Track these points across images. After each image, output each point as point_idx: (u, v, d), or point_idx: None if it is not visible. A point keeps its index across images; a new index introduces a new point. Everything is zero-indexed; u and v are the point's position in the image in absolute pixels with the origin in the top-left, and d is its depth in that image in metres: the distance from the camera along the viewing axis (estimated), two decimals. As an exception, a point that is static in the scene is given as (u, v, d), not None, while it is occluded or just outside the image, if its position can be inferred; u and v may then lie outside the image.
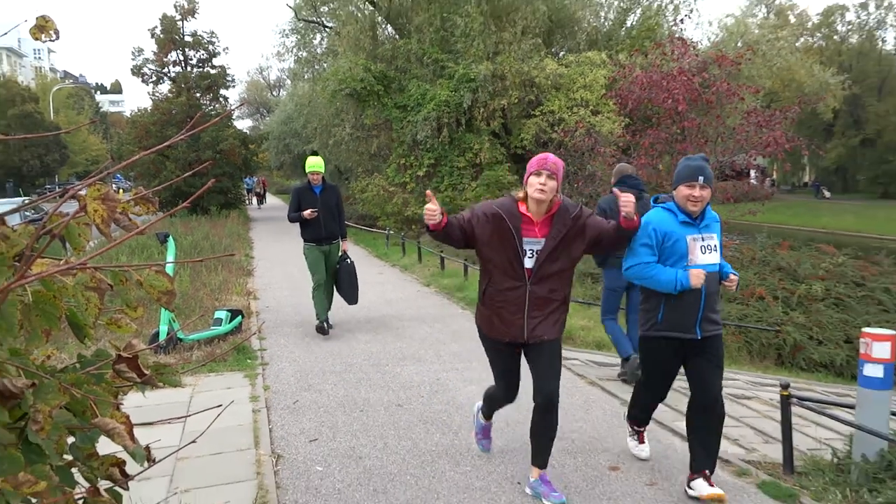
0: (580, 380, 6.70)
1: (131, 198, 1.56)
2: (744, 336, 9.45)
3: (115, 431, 1.33)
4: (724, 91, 16.41)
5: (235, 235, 21.23)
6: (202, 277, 11.99)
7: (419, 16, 22.47)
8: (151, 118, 29.87)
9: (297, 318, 9.56)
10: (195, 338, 7.75)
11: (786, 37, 31.79)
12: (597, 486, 4.34)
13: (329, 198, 8.33)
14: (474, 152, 20.75)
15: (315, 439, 5.15)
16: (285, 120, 46.73)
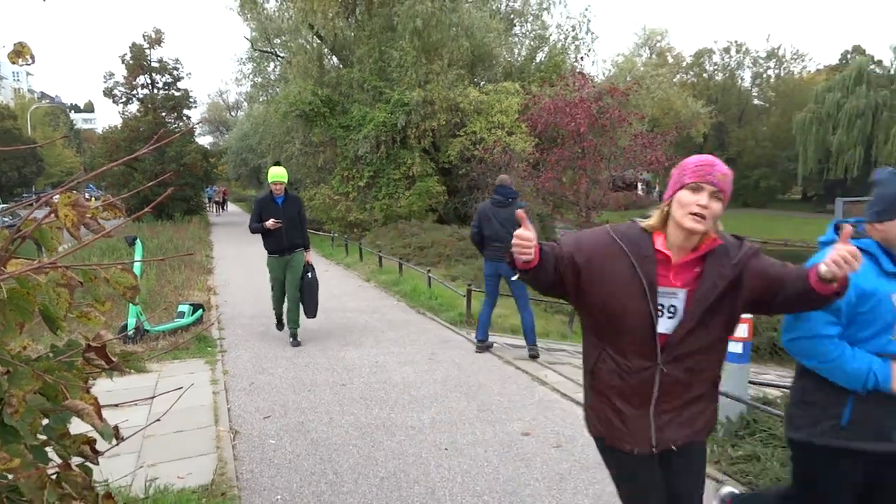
0: (498, 360, 6.76)
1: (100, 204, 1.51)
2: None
3: (85, 412, 1.28)
4: (616, 117, 16.85)
5: (197, 238, 20.63)
6: (167, 275, 11.60)
7: (360, 48, 22.30)
8: (121, 134, 28.85)
9: (252, 310, 9.35)
10: (160, 329, 7.50)
11: (665, 73, 32.83)
12: (511, 448, 4.38)
13: (291, 208, 7.19)
14: (408, 166, 20.72)
15: (268, 416, 5.04)
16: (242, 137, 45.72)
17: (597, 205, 17.22)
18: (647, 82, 27.89)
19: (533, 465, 4.11)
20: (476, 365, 6.52)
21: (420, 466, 4.10)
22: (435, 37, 20.12)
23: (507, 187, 6.76)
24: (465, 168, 20.37)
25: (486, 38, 21.96)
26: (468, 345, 7.34)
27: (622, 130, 17.55)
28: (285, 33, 25.61)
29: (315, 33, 23.71)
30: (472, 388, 5.74)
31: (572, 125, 16.36)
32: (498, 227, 6.63)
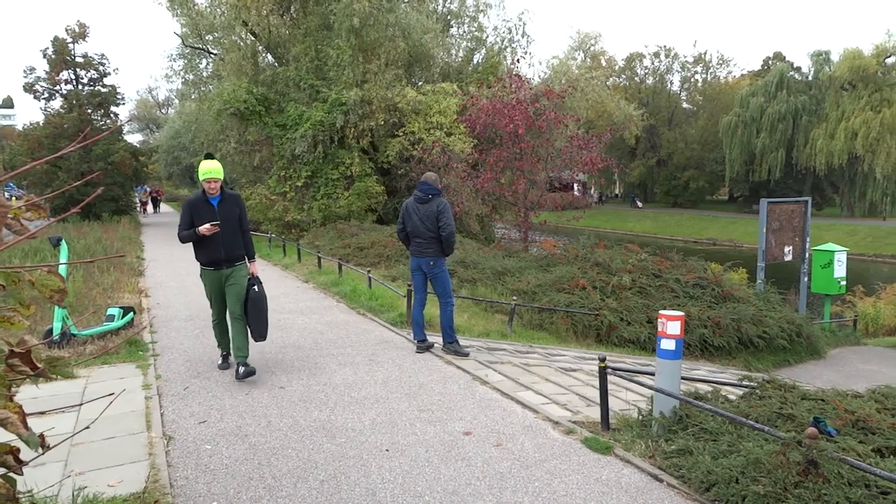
0: (438, 360, 6.79)
1: (22, 204, 1.45)
2: (570, 319, 9.90)
3: (9, 421, 1.23)
4: (553, 119, 17.15)
5: (127, 239, 19.91)
6: (95, 277, 11.14)
7: (296, 46, 21.97)
8: (44, 131, 27.57)
9: (187, 313, 9.09)
10: (88, 333, 7.20)
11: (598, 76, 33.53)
12: (453, 448, 4.41)
13: (230, 210, 5.89)
14: (346, 166, 20.54)
15: (204, 421, 4.91)
16: (174, 135, 44.44)
17: (534, 205, 17.48)
18: (582, 85, 28.43)
19: (474, 465, 4.15)
20: (417, 365, 6.53)
21: (361, 468, 4.08)
22: (372, 36, 20.01)
23: (428, 184, 6.85)
24: (405, 168, 20.35)
25: (423, 38, 21.98)
26: (409, 345, 7.34)
27: (558, 132, 17.89)
28: (218, 30, 24.94)
29: (249, 30, 23.21)
30: (413, 389, 5.75)
31: (510, 126, 16.57)
32: (418, 222, 6.75)
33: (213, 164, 5.88)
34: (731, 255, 21.70)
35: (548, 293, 10.55)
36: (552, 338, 9.49)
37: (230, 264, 5.93)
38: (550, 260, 12.73)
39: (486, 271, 11.95)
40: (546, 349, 8.34)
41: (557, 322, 9.90)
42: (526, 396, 5.60)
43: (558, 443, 4.53)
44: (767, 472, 3.57)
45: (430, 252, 6.82)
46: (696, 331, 9.66)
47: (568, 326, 9.87)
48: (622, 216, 52.66)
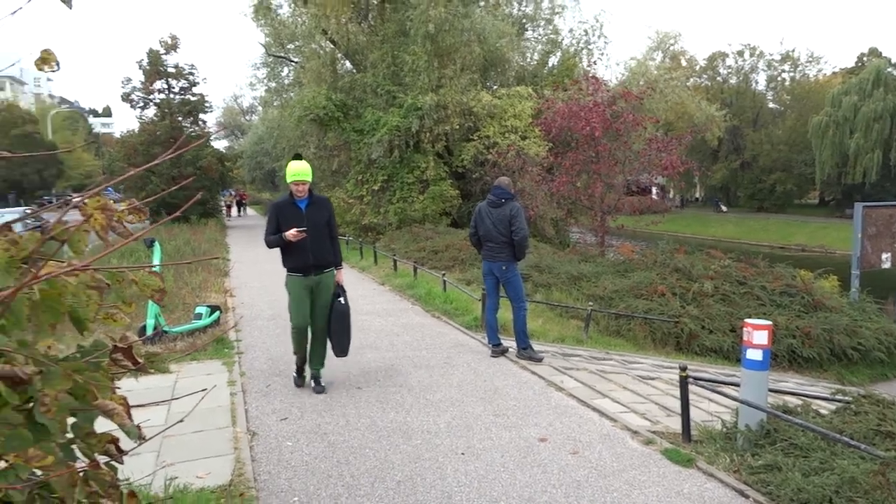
0: (514, 364, 6.75)
1: (125, 208, 1.52)
2: (648, 326, 9.65)
3: (115, 412, 1.29)
4: (631, 121, 16.79)
5: (213, 241, 20.77)
6: (184, 277, 11.68)
7: (373, 53, 22.38)
8: (139, 138, 29.19)
9: (269, 312, 9.39)
10: (178, 330, 7.55)
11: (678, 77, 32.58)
12: (528, 454, 4.37)
13: (318, 214, 5.56)
14: (421, 170, 20.76)
15: (285, 418, 5.06)
16: (257, 141, 46.10)
17: (611, 209, 17.16)
18: (661, 86, 27.69)
19: (550, 472, 4.09)
20: (491, 370, 6.51)
21: (437, 471, 4.10)
22: (447, 41, 20.15)
23: (501, 188, 6.82)
24: (479, 172, 20.37)
25: (498, 42, 21.96)
26: (483, 349, 7.33)
27: (636, 134, 17.49)
28: (299, 38, 25.73)
29: (328, 38, 23.82)
30: (488, 393, 5.73)
31: (587, 129, 16.32)
32: (491, 227, 6.72)
33: (301, 165, 5.47)
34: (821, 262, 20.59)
35: (625, 299, 10.33)
36: (629, 345, 9.27)
37: (319, 271, 5.57)
38: (628, 265, 12.45)
39: (561, 276, 11.81)
40: (623, 356, 8.16)
41: (635, 329, 9.67)
42: (603, 404, 5.49)
43: (637, 453, 4.41)
44: (864, 492, 3.36)
45: (503, 256, 6.79)
46: (784, 341, 9.22)
47: (646, 333, 9.63)
48: (703, 221, 50.90)
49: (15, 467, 1.09)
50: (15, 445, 1.12)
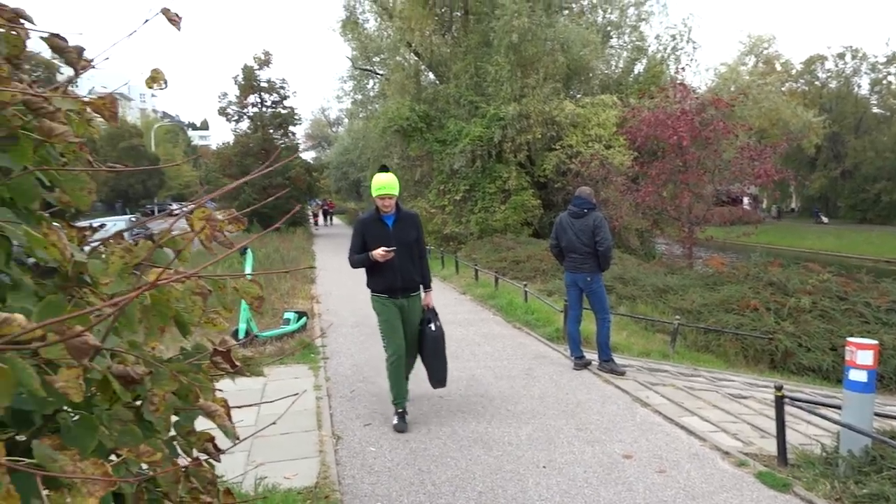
0: (597, 378, 6.61)
1: (226, 217, 1.60)
2: (740, 342, 9.24)
3: (217, 413, 1.35)
4: (721, 129, 16.19)
5: (301, 249, 21.45)
6: (273, 283, 12.11)
7: (456, 64, 22.60)
8: (233, 150, 30.65)
9: (353, 320, 9.60)
10: (268, 335, 7.83)
11: (773, 82, 31.26)
12: (612, 471, 4.26)
13: (406, 231, 5.08)
14: (503, 180, 20.75)
15: (369, 424, 5.15)
16: (343, 151, 47.40)
17: (700, 220, 16.58)
18: (754, 92, 26.62)
19: (635, 490, 3.98)
20: (574, 383, 6.41)
21: (518, 483, 4.06)
22: (530, 51, 20.10)
23: (582, 198, 6.71)
24: (561, 182, 20.16)
25: (582, 51, 21.71)
26: (565, 361, 7.22)
27: (727, 143, 16.85)
28: (384, 51, 26.34)
29: (412, 51, 24.25)
30: (571, 406, 5.64)
31: (674, 138, 15.86)
32: (573, 237, 6.60)
33: (388, 177, 5.00)
34: (932, 278, 19.15)
35: (715, 313, 9.94)
36: (719, 361, 8.91)
37: (406, 293, 5.11)
38: (718, 278, 11.98)
39: (646, 288, 11.50)
40: (712, 373, 7.84)
41: (725, 345, 9.29)
42: (691, 422, 5.30)
43: (728, 475, 4.23)
44: None
45: (586, 268, 6.68)
46: (891, 362, 8.61)
47: (737, 350, 9.23)
48: (799, 232, 48.32)
49: (127, 462, 1.16)
50: (127, 441, 1.19)
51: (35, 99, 1.25)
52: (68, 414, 1.20)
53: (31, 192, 1.30)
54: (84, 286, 1.39)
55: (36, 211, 1.38)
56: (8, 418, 1.14)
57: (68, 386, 1.02)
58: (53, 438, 1.03)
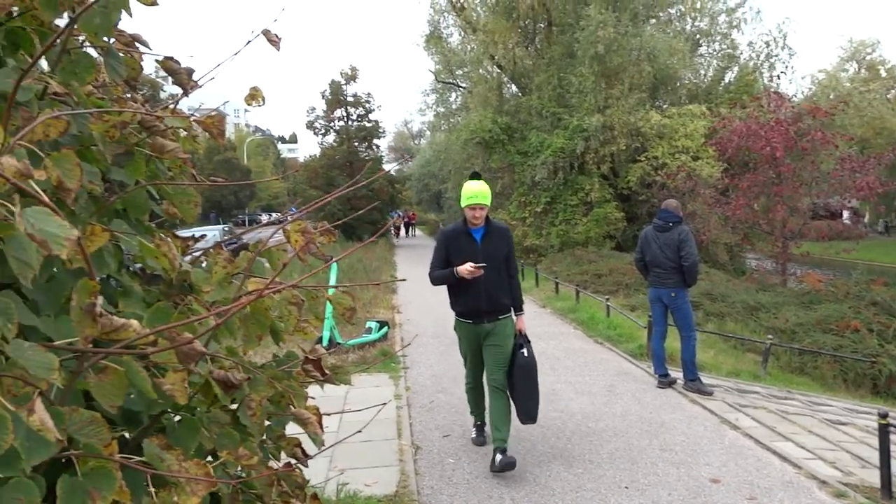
0: (682, 397, 6.39)
1: (318, 230, 1.65)
2: (839, 365, 8.72)
3: (309, 421, 1.40)
4: (819, 139, 15.41)
5: (383, 259, 21.84)
6: (356, 292, 12.36)
7: (539, 76, 22.53)
8: (319, 162, 31.69)
9: (433, 330, 9.67)
10: (351, 343, 8.01)
11: (877, 89, 29.50)
12: (699, 496, 4.10)
13: (496, 247, 4.50)
14: (585, 192, 20.48)
15: (448, 435, 5.17)
16: (425, 164, 48.02)
17: (795, 234, 15.80)
18: (855, 100, 25.19)
19: (723, 514, 3.81)
20: (658, 401, 6.21)
21: (599, 503, 3.97)
22: (615, 61, 19.79)
23: (668, 211, 6.51)
24: (646, 194, 19.67)
25: (669, 60, 21.19)
26: (649, 379, 7.02)
27: (826, 153, 16.01)
28: (467, 65, 26.57)
29: (495, 63, 24.34)
30: (654, 426, 5.47)
31: (767, 149, 15.21)
32: (657, 251, 6.42)
33: (480, 185, 4.48)
34: None
35: (811, 333, 9.43)
36: (815, 384, 8.43)
37: (492, 317, 4.48)
38: (814, 296, 11.37)
39: (735, 305, 11.04)
40: (808, 396, 7.42)
41: (823, 367, 8.79)
42: (784, 448, 5.03)
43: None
44: None
45: (671, 283, 6.48)
46: None
47: (836, 373, 8.71)
48: (906, 248, 45.14)
49: (225, 464, 1.21)
50: (225, 443, 1.24)
51: (149, 118, 1.34)
52: (171, 415, 1.27)
53: (144, 204, 1.39)
54: (187, 293, 1.47)
55: (145, 222, 1.48)
56: (118, 417, 1.22)
57: (175, 388, 1.08)
58: (160, 438, 1.09)
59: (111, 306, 1.26)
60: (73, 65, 1.26)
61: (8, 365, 0.85)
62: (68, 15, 1.14)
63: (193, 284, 1.47)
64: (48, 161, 0.90)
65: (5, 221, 0.84)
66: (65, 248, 0.80)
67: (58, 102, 1.22)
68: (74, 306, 0.88)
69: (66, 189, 0.92)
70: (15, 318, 0.86)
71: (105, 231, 1.09)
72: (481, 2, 24.55)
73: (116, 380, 1.01)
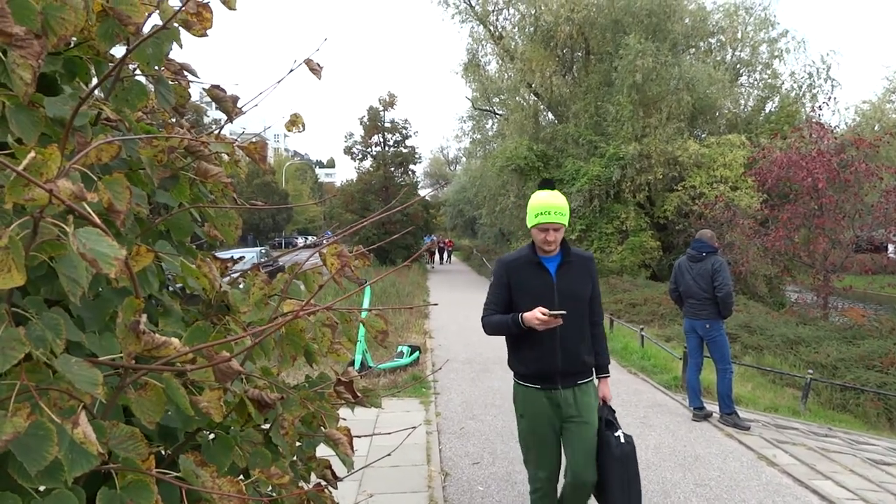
0: (718, 431, 6.24)
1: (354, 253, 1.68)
2: (883, 403, 8.42)
3: (340, 442, 1.41)
4: (863, 171, 15.08)
5: (416, 284, 21.89)
6: (389, 316, 12.36)
7: (576, 104, 22.58)
8: (356, 187, 32.04)
9: (465, 355, 9.63)
10: (382, 367, 8.02)
11: (925, 121, 28.73)
12: (734, 532, 3.98)
13: (577, 282, 3.21)
14: (621, 220, 20.34)
15: (477, 462, 5.12)
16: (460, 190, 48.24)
17: (837, 267, 15.40)
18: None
19: (759, 554, 3.69)
20: (692, 434, 6.07)
21: (630, 536, 3.87)
22: (654, 90, 19.74)
23: (703, 241, 6.42)
24: (683, 224, 19.45)
25: (708, 90, 21.05)
26: (683, 411, 6.87)
27: (870, 185, 15.64)
28: (504, 92, 26.78)
29: (532, 91, 24.48)
30: (688, 460, 5.34)
31: (808, 180, 14.94)
32: (691, 282, 6.33)
33: (554, 197, 3.14)
34: None
35: (853, 369, 9.14)
36: (858, 422, 8.15)
37: (570, 381, 3.14)
38: (857, 331, 11.05)
39: (774, 338, 10.78)
40: (850, 435, 7.18)
41: (866, 404, 8.50)
42: (824, 486, 4.86)
43: (869, 550, 3.83)
44: None
45: (705, 314, 6.37)
46: None
47: (879, 411, 8.42)
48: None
49: (257, 482, 1.23)
50: (257, 462, 1.26)
51: (195, 143, 1.39)
52: (206, 433, 1.30)
53: (187, 226, 1.43)
54: (224, 314, 1.50)
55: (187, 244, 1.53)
56: (155, 433, 1.25)
57: (211, 406, 1.11)
58: (196, 455, 1.11)
59: (152, 325, 1.30)
60: (126, 92, 1.31)
61: (55, 379, 0.89)
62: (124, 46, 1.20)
63: (231, 305, 1.50)
64: (100, 184, 0.94)
65: (58, 241, 0.88)
66: (114, 267, 0.83)
67: (110, 128, 1.28)
68: (120, 323, 0.91)
69: (115, 211, 0.96)
70: (63, 335, 0.90)
71: (150, 251, 1.12)
72: (519, 31, 24.76)
73: (156, 396, 1.04)
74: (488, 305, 3.24)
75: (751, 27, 24.27)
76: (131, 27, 1.15)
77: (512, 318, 3.06)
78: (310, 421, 1.51)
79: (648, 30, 20.73)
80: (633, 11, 20.94)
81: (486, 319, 3.22)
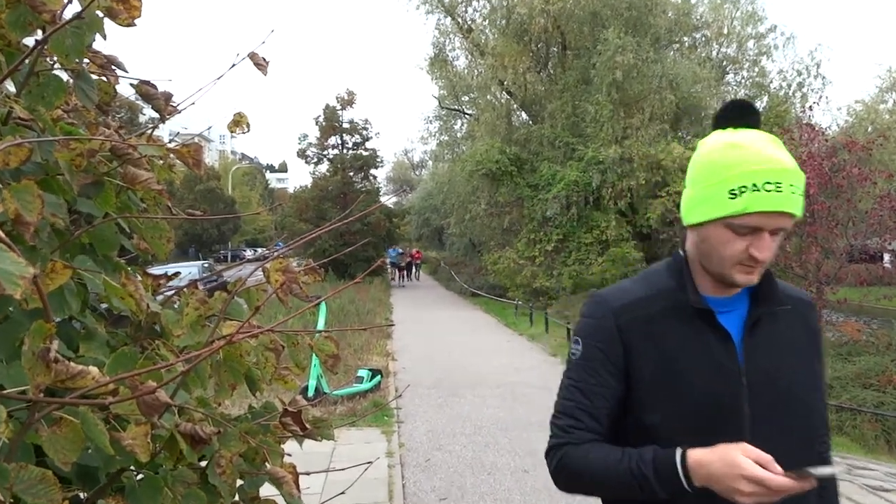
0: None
1: (302, 269, 1.66)
2: (881, 424, 8.62)
3: (284, 480, 1.38)
4: (856, 175, 15.49)
5: (377, 300, 21.81)
6: (347, 338, 12.32)
7: (552, 103, 22.81)
8: (311, 194, 31.84)
9: (431, 379, 9.61)
10: (340, 393, 7.95)
11: (920, 122, 29.77)
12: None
13: (788, 358, 1.54)
14: (601, 229, 20.54)
15: (445, 499, 5.09)
16: (426, 196, 48.27)
17: (830, 279, 15.75)
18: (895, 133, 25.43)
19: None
20: (679, 462, 6.13)
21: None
22: (635, 89, 20.05)
23: None
24: (668, 232, 19.73)
25: (693, 88, 21.48)
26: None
27: (863, 191, 16.07)
28: (474, 90, 26.94)
29: (504, 89, 24.67)
30: (675, 490, 5.39)
31: (799, 185, 15.28)
32: None
33: (783, 151, 1.61)
34: None
35: (849, 388, 9.35)
36: (855, 445, 8.32)
37: None
38: (853, 347, 11.33)
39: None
40: (846, 459, 7.33)
41: (862, 426, 8.67)
42: (821, 518, 4.93)
43: (868, 585, 3.89)
44: None
45: None
46: None
47: (877, 433, 8.60)
48: (954, 296, 45.00)
49: (192, 529, 1.19)
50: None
51: (121, 146, 1.35)
52: (132, 473, 1.26)
53: (112, 239, 1.40)
54: (156, 337, 1.47)
55: (113, 258, 1.49)
56: (72, 475, 1.21)
57: (136, 444, 1.07)
58: (118, 499, 1.08)
59: (71, 351, 1.26)
60: (42, 88, 1.28)
61: (-50, 415, 0.85)
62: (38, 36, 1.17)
63: (163, 327, 1.47)
64: (6, 192, 0.91)
65: (-46, 257, 0.85)
66: (19, 287, 0.80)
67: (22, 128, 1.24)
68: (27, 351, 0.88)
69: (24, 223, 0.93)
70: (-39, 363, 0.87)
71: (67, 268, 1.09)
72: (490, 23, 24.98)
73: (72, 433, 1.01)
74: (567, 414, 1.56)
75: (737, 21, 24.89)
76: (46, 15, 1.12)
77: (654, 462, 1.35)
78: (252, 457, 1.48)
79: (629, 23, 21.06)
80: (612, 3, 21.27)
81: (569, 457, 1.50)
